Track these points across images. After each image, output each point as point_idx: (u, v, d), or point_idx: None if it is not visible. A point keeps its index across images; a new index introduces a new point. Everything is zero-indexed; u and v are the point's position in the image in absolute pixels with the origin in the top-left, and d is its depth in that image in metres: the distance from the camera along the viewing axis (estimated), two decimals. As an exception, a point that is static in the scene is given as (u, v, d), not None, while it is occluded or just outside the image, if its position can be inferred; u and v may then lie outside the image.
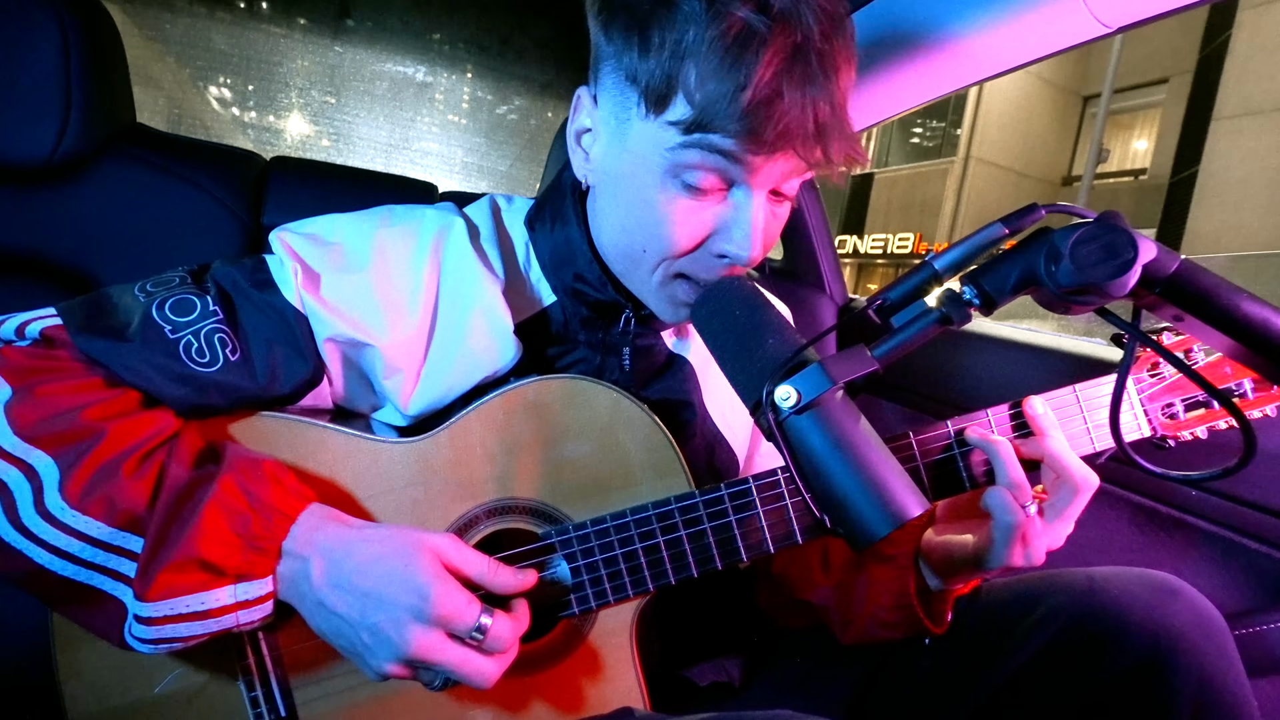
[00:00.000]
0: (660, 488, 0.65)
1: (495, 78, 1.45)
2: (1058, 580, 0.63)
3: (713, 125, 0.53)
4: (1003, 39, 0.83)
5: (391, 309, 0.63)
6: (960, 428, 0.63)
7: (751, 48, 0.51)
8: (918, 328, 0.50)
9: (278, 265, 0.62)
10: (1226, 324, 0.45)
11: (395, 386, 0.65)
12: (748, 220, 0.58)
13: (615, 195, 0.62)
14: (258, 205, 1.00)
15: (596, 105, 0.62)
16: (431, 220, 0.67)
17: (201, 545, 0.49)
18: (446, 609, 0.51)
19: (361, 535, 0.54)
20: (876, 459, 0.46)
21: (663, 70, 0.53)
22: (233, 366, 0.58)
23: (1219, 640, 0.56)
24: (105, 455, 0.51)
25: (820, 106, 0.53)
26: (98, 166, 0.89)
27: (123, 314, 0.58)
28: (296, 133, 1.58)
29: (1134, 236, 0.44)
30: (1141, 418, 0.64)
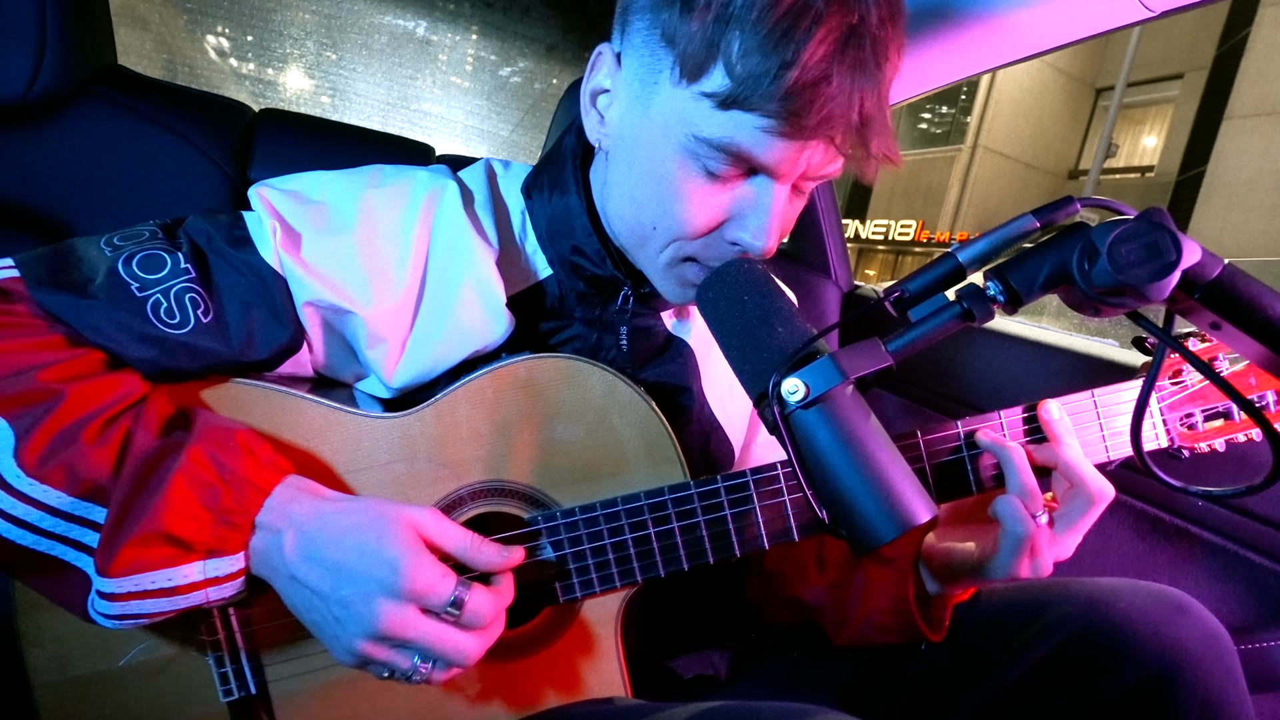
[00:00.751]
0: (654, 476, 0.62)
1: (500, 38, 1.39)
2: (1062, 590, 0.61)
3: (750, 102, 0.49)
4: (1045, 16, 0.78)
5: (377, 275, 0.60)
6: (971, 429, 0.61)
7: (804, 23, 0.47)
8: (936, 323, 0.47)
9: (256, 223, 0.59)
10: (1269, 335, 0.42)
11: (379, 357, 0.61)
12: (766, 210, 0.55)
13: (630, 163, 0.58)
14: (245, 159, 0.96)
15: (620, 65, 0.57)
16: (423, 182, 0.63)
17: (168, 519, 0.46)
18: (419, 583, 0.48)
19: (337, 508, 0.51)
20: (886, 460, 0.44)
21: (705, 34, 0.49)
22: (205, 329, 0.55)
23: (1226, 660, 0.55)
24: (65, 420, 0.47)
25: (867, 96, 0.49)
26: (75, 109, 0.84)
27: (87, 268, 0.54)
28: (295, 87, 1.53)
29: (1179, 237, 0.41)
30: (1160, 428, 0.62)
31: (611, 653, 0.64)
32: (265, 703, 0.58)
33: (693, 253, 0.59)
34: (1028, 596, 0.64)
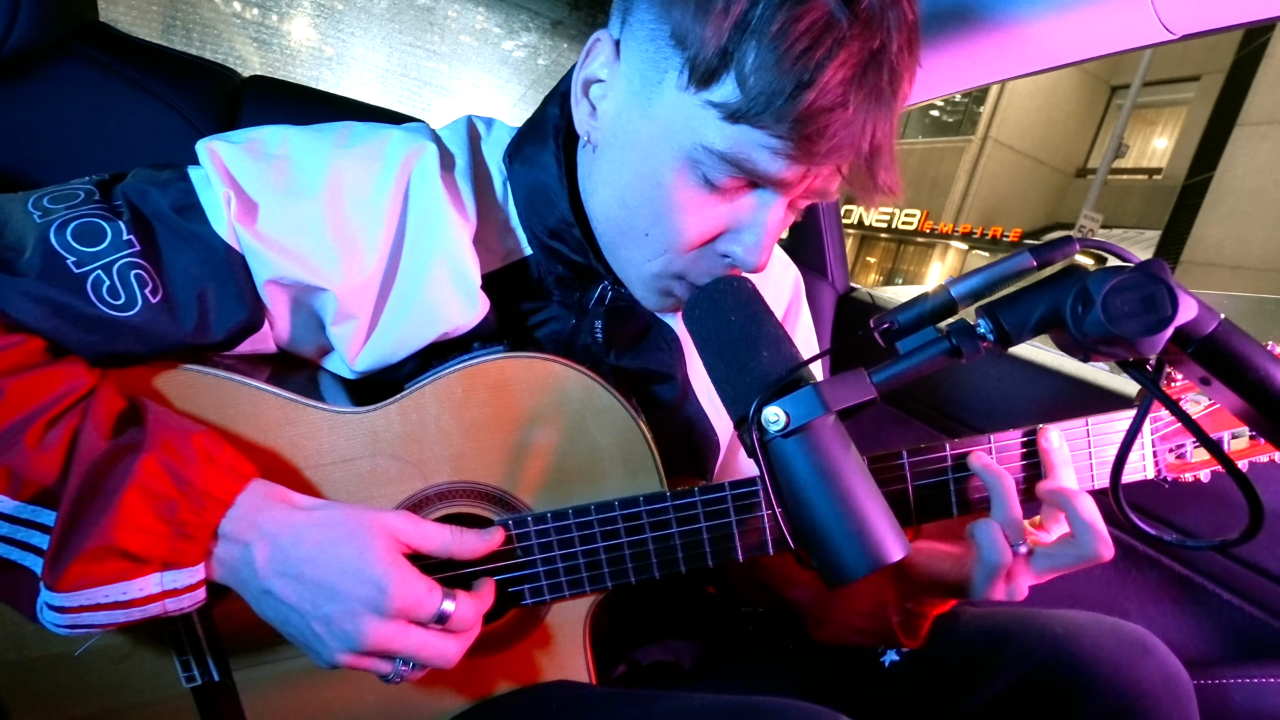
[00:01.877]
0: (630, 484, 0.61)
1: (504, 11, 1.34)
2: (1031, 622, 0.62)
3: (761, 120, 0.46)
4: (1062, 30, 0.76)
5: (346, 246, 0.54)
6: (960, 453, 0.60)
7: (826, 43, 0.44)
8: (924, 357, 0.47)
9: (205, 186, 0.52)
10: (1258, 396, 0.41)
11: (345, 334, 0.58)
12: (763, 226, 0.53)
13: (623, 163, 0.54)
14: (230, 126, 0.92)
15: (619, 57, 0.53)
16: (398, 143, 0.58)
17: (119, 534, 0.44)
18: (406, 600, 0.47)
19: (311, 519, 0.49)
20: (862, 494, 0.43)
21: (719, 40, 0.46)
22: (153, 310, 0.50)
23: (1184, 703, 0.55)
24: (4, 420, 0.44)
25: (880, 126, 0.48)
26: (52, 67, 0.81)
27: (12, 235, 0.48)
28: (299, 37, 1.47)
29: (1176, 292, 0.40)
30: (1149, 459, 0.62)
31: (578, 652, 0.64)
32: (229, 689, 0.58)
33: (682, 269, 0.56)
34: (996, 624, 0.64)
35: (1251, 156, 10.85)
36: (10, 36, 0.75)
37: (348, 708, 0.60)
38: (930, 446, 0.60)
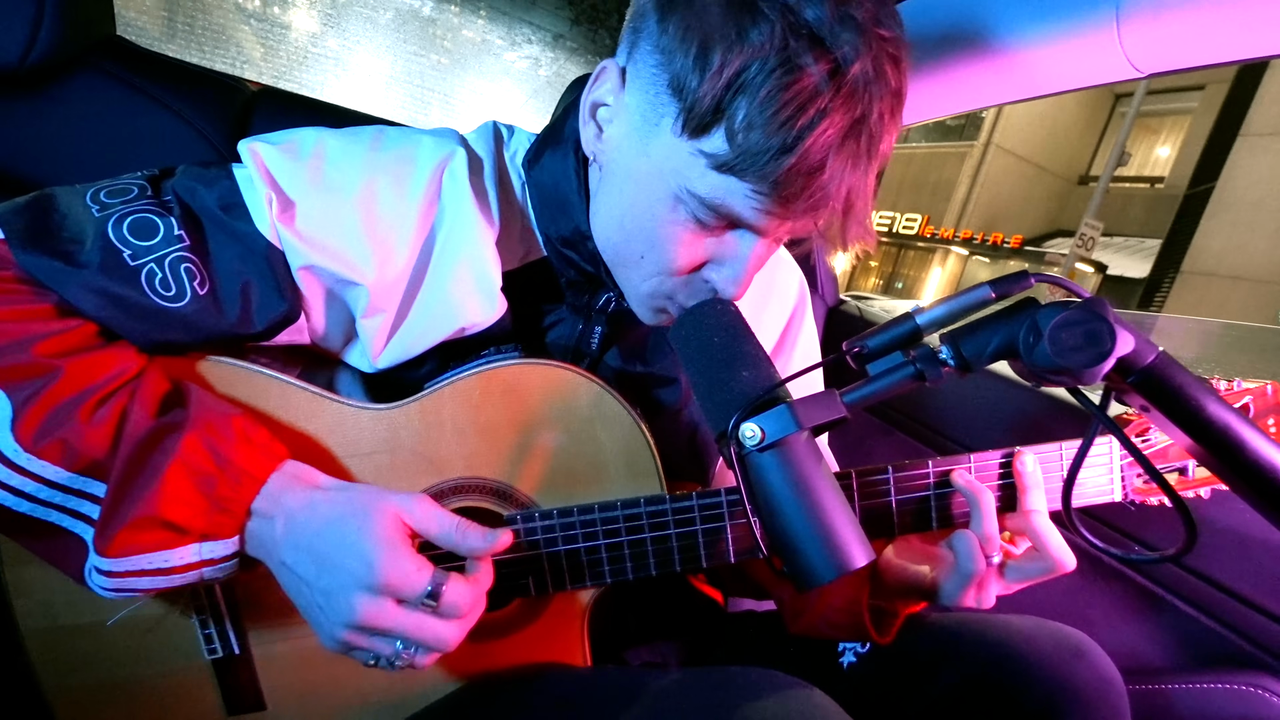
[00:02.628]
0: (632, 487, 0.64)
1: (507, 23, 1.38)
2: (977, 626, 0.65)
3: (745, 174, 0.50)
4: (1031, 64, 0.79)
5: (379, 245, 0.58)
6: (943, 471, 0.63)
7: (811, 111, 0.47)
8: (891, 380, 0.49)
9: (248, 185, 0.56)
10: (1190, 424, 0.45)
11: (372, 327, 0.61)
12: (744, 261, 0.56)
13: (622, 191, 0.58)
14: (241, 137, 0.96)
15: (624, 87, 0.56)
16: (430, 150, 0.61)
17: (163, 506, 0.48)
18: (392, 577, 0.49)
19: (326, 497, 0.52)
20: (830, 505, 0.46)
21: (714, 96, 0.49)
22: (201, 301, 0.53)
23: (1113, 702, 0.58)
24: (61, 396, 0.47)
25: (855, 186, 0.51)
26: (70, 80, 0.84)
27: (72, 227, 0.52)
28: (301, 28, 1.49)
29: (1114, 328, 0.43)
30: (1117, 483, 0.65)
31: (577, 642, 0.67)
32: (248, 662, 0.61)
33: (672, 290, 0.60)
34: (944, 627, 0.68)
35: (1254, 167, 10.87)
36: (32, 50, 0.79)
37: (358, 685, 0.63)
38: (914, 464, 0.63)
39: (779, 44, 0.47)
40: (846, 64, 0.47)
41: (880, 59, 0.49)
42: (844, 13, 0.48)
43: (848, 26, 0.47)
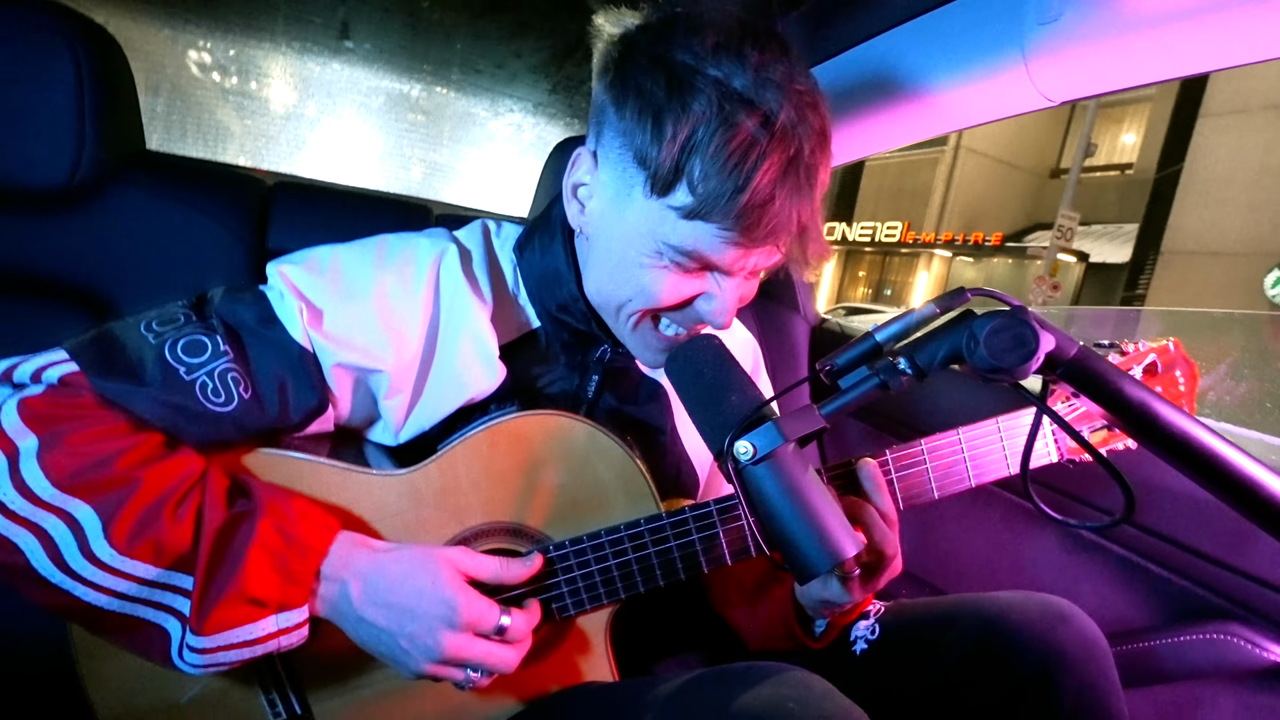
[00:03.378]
0: (632, 510, 0.71)
1: (490, 97, 1.50)
2: (971, 604, 0.72)
3: (710, 216, 0.59)
4: (953, 103, 0.90)
5: (395, 335, 0.68)
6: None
7: (753, 157, 0.57)
8: (860, 391, 0.57)
9: (279, 300, 0.65)
10: (1112, 404, 0.53)
11: (394, 406, 0.70)
12: (724, 300, 0.66)
13: (608, 252, 0.67)
14: (263, 228, 1.06)
15: (597, 167, 0.67)
16: (426, 249, 0.72)
17: (248, 584, 0.56)
18: (472, 615, 0.59)
19: (389, 556, 0.61)
20: (820, 506, 0.53)
21: (672, 160, 0.59)
22: (246, 403, 0.61)
23: (1099, 660, 0.65)
24: (145, 502, 0.55)
25: (804, 211, 0.61)
26: (110, 191, 0.94)
27: (133, 354, 0.60)
28: (279, 100, 1.56)
29: (1037, 330, 0.52)
30: (1052, 446, 0.75)
31: (603, 658, 0.74)
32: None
33: (660, 321, 0.69)
34: (942, 609, 0.75)
35: (1217, 146, 11.10)
36: (78, 171, 0.88)
37: None
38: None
39: (717, 109, 0.57)
40: (774, 115, 0.58)
41: (801, 107, 0.59)
42: (763, 77, 0.59)
43: (769, 87, 0.58)
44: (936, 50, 0.87)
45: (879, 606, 0.82)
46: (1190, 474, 0.52)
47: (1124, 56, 0.71)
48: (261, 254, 1.05)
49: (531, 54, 1.27)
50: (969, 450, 0.73)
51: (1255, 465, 0.49)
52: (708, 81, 0.58)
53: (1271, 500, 0.48)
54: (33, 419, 0.54)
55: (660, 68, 0.60)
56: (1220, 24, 0.62)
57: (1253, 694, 0.79)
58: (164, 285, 0.93)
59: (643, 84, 0.60)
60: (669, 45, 0.60)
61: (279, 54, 1.36)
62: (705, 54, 0.59)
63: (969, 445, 0.73)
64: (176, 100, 1.45)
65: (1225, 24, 0.62)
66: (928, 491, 0.73)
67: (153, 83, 1.40)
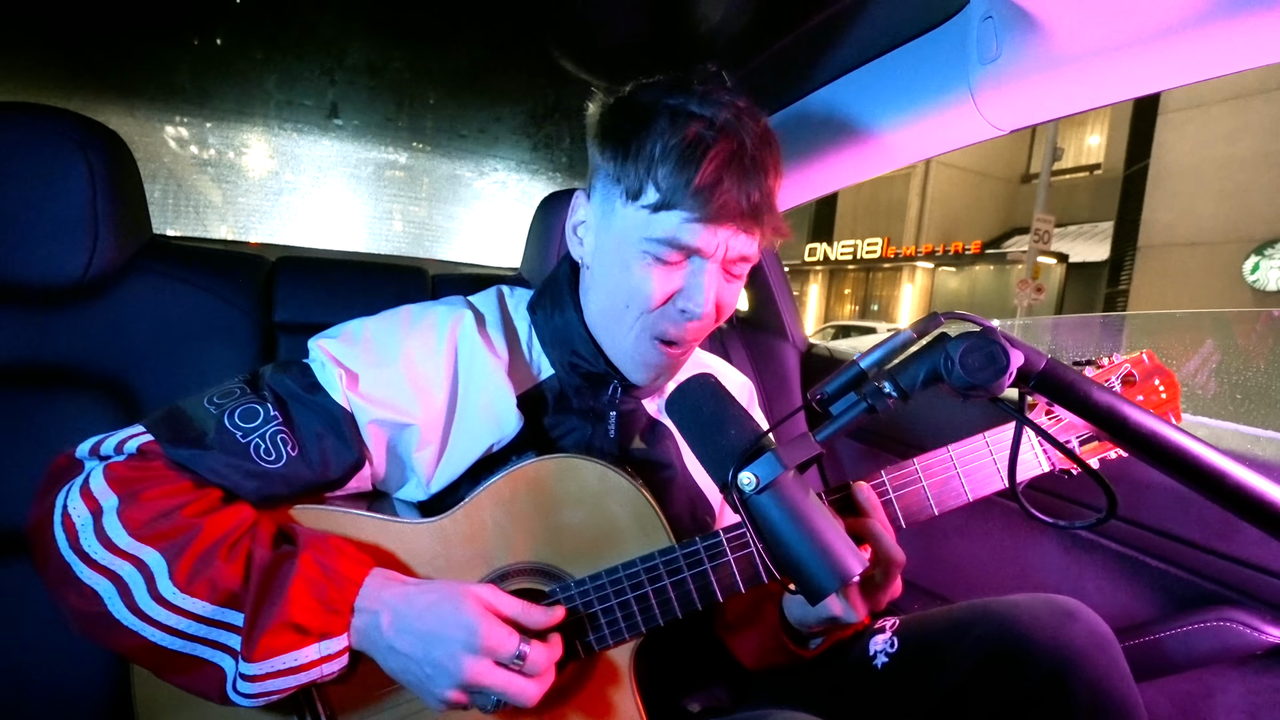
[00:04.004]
0: (646, 544, 0.75)
1: (475, 159, 1.57)
2: (981, 611, 0.75)
3: (674, 204, 0.69)
4: (907, 139, 0.96)
5: (422, 392, 0.76)
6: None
7: (700, 149, 0.68)
8: (850, 416, 0.60)
9: (320, 369, 0.74)
10: (1083, 410, 0.57)
11: (424, 459, 0.77)
12: (702, 283, 0.73)
13: (605, 267, 0.76)
14: (268, 303, 1.10)
15: (589, 203, 0.78)
16: (445, 315, 0.81)
17: (292, 611, 0.61)
18: (492, 640, 0.63)
19: (418, 588, 0.67)
20: (824, 528, 0.56)
21: (639, 171, 0.70)
22: (293, 460, 0.69)
23: (1109, 653, 0.67)
24: (204, 545, 0.62)
25: (752, 192, 0.70)
26: (123, 281, 0.98)
27: (198, 424, 0.68)
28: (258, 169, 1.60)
29: (1006, 347, 0.56)
30: (1042, 457, 0.77)
31: (628, 694, 0.75)
32: None
33: (652, 324, 0.75)
34: (955, 617, 0.77)
35: (1180, 140, 11.39)
36: (91, 267, 0.93)
37: None
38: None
39: (670, 123, 0.70)
40: (717, 119, 0.70)
41: (741, 114, 0.72)
42: (709, 99, 0.71)
43: (711, 102, 0.71)
44: (888, 92, 0.93)
45: (894, 621, 0.85)
46: (1160, 467, 0.55)
47: (1061, 87, 0.77)
48: (269, 327, 1.09)
49: (512, 117, 1.35)
50: (961, 466, 0.76)
51: (1218, 455, 0.52)
52: (664, 107, 0.71)
53: (1238, 487, 0.52)
54: (115, 481, 0.63)
55: (630, 111, 0.73)
56: (1142, 55, 0.68)
57: (1258, 677, 0.81)
58: (179, 366, 0.97)
59: (616, 126, 0.74)
60: (636, 95, 0.75)
61: (271, 135, 1.44)
62: (662, 92, 0.73)
63: (960, 461, 0.76)
64: (173, 185, 1.51)
65: (1146, 55, 0.68)
66: (927, 508, 0.76)
67: (150, 171, 1.46)
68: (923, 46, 0.86)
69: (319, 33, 1.01)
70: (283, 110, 1.33)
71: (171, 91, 1.29)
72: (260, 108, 1.33)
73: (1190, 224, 11.19)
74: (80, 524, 0.61)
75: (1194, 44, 0.66)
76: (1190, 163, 11.24)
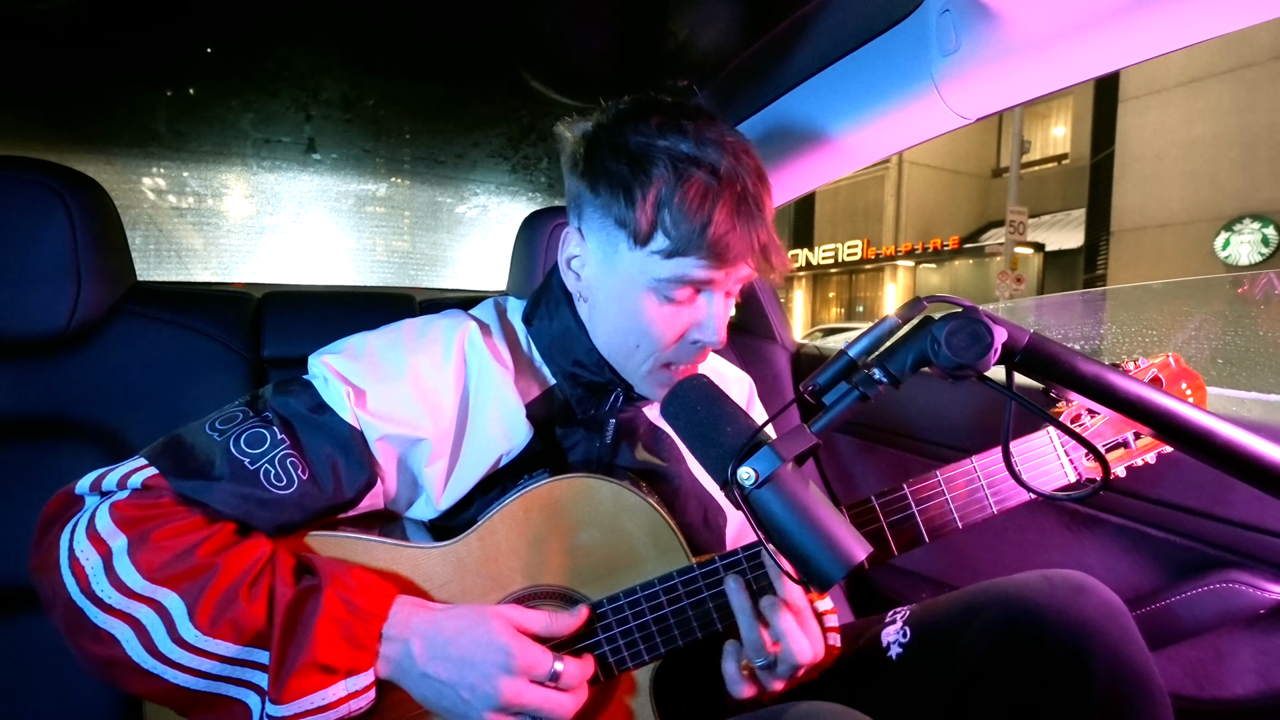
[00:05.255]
0: (663, 563, 0.74)
1: (454, 185, 1.58)
2: (991, 591, 0.75)
3: (687, 252, 0.70)
4: (877, 134, 0.99)
5: (430, 406, 0.75)
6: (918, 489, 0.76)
7: (709, 200, 0.69)
8: (844, 404, 0.61)
9: (324, 387, 0.72)
10: (1068, 381, 0.58)
11: (434, 473, 0.75)
12: (714, 317, 0.74)
13: (609, 307, 0.77)
14: (256, 340, 1.10)
15: (583, 238, 0.77)
16: (449, 327, 0.80)
17: (318, 651, 0.60)
18: (526, 660, 0.63)
19: (446, 614, 0.66)
20: (825, 518, 0.56)
21: (646, 217, 0.70)
22: (305, 484, 0.68)
23: (1122, 623, 0.67)
24: (224, 585, 0.60)
25: (760, 232, 0.71)
26: (108, 328, 0.98)
27: (203, 453, 0.66)
28: (237, 213, 1.60)
29: (990, 325, 0.57)
30: (1068, 467, 0.77)
31: (649, 716, 0.74)
32: None
33: (668, 359, 0.76)
34: (965, 601, 0.77)
35: (1142, 126, 11.64)
36: (75, 316, 0.93)
37: None
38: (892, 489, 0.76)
39: (672, 170, 0.69)
40: (718, 165, 0.70)
41: (737, 154, 0.71)
42: (702, 139, 0.71)
43: (708, 145, 0.71)
44: (856, 90, 0.96)
45: (905, 611, 0.85)
46: (1151, 431, 0.56)
47: (1021, 73, 0.80)
48: (258, 363, 1.08)
49: (489, 142, 1.36)
50: (985, 478, 0.75)
51: (1206, 416, 0.54)
52: (659, 151, 0.71)
53: (1228, 445, 0.53)
54: (122, 521, 0.61)
55: (621, 152, 0.72)
56: (1096, 36, 0.71)
57: (1266, 636, 0.82)
58: (172, 408, 0.97)
59: (609, 167, 0.72)
60: (623, 133, 0.73)
61: (250, 174, 1.45)
62: (653, 132, 0.72)
63: (984, 473, 0.75)
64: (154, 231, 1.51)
65: (1101, 36, 0.71)
66: (951, 522, 0.75)
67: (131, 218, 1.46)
68: (885, 43, 0.88)
69: (293, 68, 1.02)
70: (260, 149, 1.33)
71: (148, 138, 1.30)
72: (238, 147, 1.34)
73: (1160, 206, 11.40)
74: (90, 568, 0.59)
75: (1145, 21, 0.68)
76: (1154, 147, 11.47)
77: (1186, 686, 0.87)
